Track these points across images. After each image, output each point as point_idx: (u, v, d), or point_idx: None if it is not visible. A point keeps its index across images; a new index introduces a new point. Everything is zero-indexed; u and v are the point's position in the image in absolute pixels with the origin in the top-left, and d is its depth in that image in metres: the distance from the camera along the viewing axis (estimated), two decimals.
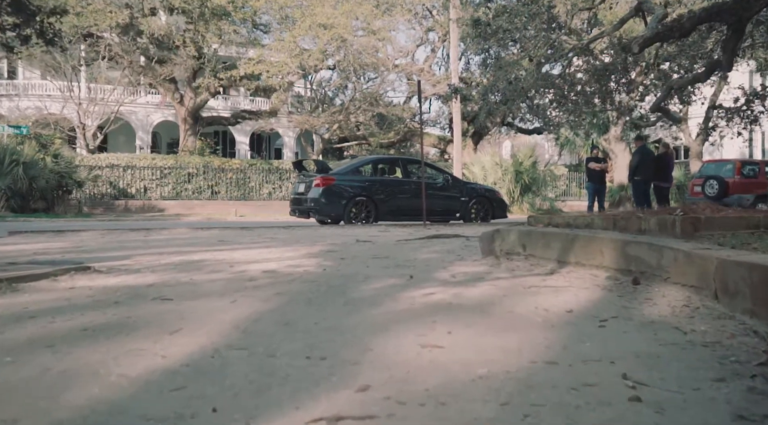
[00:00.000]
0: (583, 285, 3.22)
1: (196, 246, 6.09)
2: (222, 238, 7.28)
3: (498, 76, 10.42)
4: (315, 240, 6.90)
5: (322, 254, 5.09)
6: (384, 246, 5.90)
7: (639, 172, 11.04)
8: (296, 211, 11.52)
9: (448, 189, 11.97)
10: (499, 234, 4.45)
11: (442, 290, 3.15)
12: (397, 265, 4.27)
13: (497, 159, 21.29)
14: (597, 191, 12.85)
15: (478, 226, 10.51)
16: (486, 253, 4.58)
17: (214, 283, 3.41)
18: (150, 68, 22.11)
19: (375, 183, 11.42)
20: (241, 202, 22.04)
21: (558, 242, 3.90)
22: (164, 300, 2.86)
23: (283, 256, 4.94)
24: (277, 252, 5.35)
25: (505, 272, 3.85)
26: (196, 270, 4.00)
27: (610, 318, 2.41)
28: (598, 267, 3.56)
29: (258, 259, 4.68)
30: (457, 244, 6.03)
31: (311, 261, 4.56)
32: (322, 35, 19.45)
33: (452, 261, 4.48)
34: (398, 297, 2.94)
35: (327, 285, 3.30)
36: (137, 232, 8.62)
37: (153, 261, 4.56)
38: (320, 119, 24.14)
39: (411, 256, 4.89)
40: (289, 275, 3.74)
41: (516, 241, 4.30)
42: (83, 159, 20.14)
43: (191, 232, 8.74)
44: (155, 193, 21.08)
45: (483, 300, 2.87)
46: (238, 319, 2.39)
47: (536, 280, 3.46)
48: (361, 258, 4.71)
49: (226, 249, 5.71)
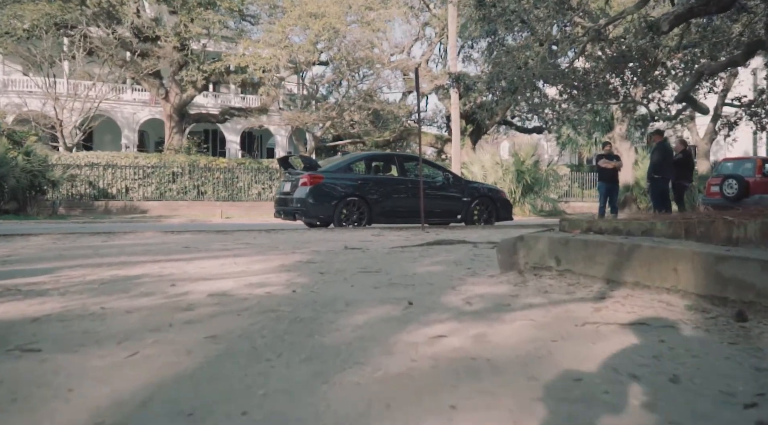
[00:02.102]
0: (659, 320, 2.23)
1: (152, 255, 5.07)
2: (189, 244, 6.26)
3: (505, 62, 9.39)
4: (296, 247, 5.89)
5: (298, 267, 4.08)
6: (376, 255, 4.90)
7: (660, 169, 10.05)
8: (281, 213, 10.48)
9: (448, 188, 10.96)
10: (524, 243, 3.46)
11: (456, 328, 2.16)
12: (391, 283, 3.27)
13: (497, 158, 20.30)
14: (609, 191, 11.83)
15: (481, 230, 9.52)
16: (506, 267, 3.58)
17: (130, 316, 2.40)
18: (132, 62, 20.99)
19: (368, 181, 10.39)
20: (229, 202, 20.98)
21: (607, 254, 2.91)
22: (27, 351, 1.85)
23: (249, 269, 3.93)
24: (244, 263, 4.35)
25: (537, 295, 2.85)
26: (121, 293, 2.99)
27: (755, 394, 1.42)
28: (671, 291, 2.58)
29: (214, 274, 3.67)
30: (463, 252, 5.03)
31: (281, 277, 3.55)
32: (313, 25, 18.38)
33: (462, 278, 3.49)
34: (391, 343, 1.95)
35: (290, 320, 2.30)
36: (97, 236, 7.59)
37: (78, 278, 3.55)
38: (312, 116, 23.06)
39: (409, 270, 3.89)
40: (243, 301, 2.74)
41: (546, 252, 3.31)
42: (60, 157, 19.00)
43: (159, 237, 7.71)
44: (137, 193, 19.98)
45: (521, 349, 1.88)
46: (112, 401, 1.38)
47: (586, 310, 2.47)
48: (345, 273, 3.71)
49: (184, 258, 4.70)
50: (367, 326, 2.20)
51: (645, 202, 22.64)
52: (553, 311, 2.50)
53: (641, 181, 22.56)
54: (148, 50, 20.50)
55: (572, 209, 23.29)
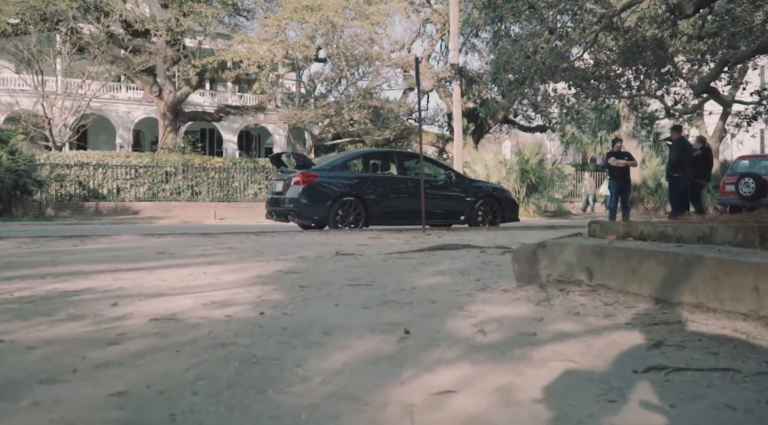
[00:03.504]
0: (748, 361, 1.63)
1: (115, 262, 4.47)
2: (165, 250, 5.65)
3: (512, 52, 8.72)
4: (283, 252, 5.29)
5: (276, 278, 3.48)
6: (370, 262, 4.30)
7: (679, 168, 9.41)
8: (273, 214, 9.85)
9: (451, 187, 10.32)
10: (546, 251, 2.85)
11: (469, 375, 1.57)
12: (385, 301, 2.67)
13: (501, 157, 19.66)
14: (621, 190, 11.18)
15: (486, 231, 8.90)
16: (523, 279, 2.97)
17: (30, 354, 1.80)
18: (123, 58, 20.34)
19: (366, 180, 9.75)
20: (225, 203, 20.37)
21: (656, 267, 2.31)
22: None
23: (218, 282, 3.33)
24: (215, 273, 3.75)
25: (568, 319, 2.25)
26: (43, 315, 2.39)
27: None
28: (749, 318, 1.97)
29: (173, 289, 3.07)
30: (470, 259, 4.42)
31: (252, 292, 2.95)
32: (309, 17, 17.72)
33: (471, 293, 2.88)
34: (377, 404, 1.35)
35: (242, 361, 1.70)
36: (69, 241, 6.98)
37: (5, 294, 2.95)
38: (309, 113, 22.39)
39: (407, 282, 3.28)
40: (192, 329, 2.14)
41: (575, 262, 2.71)
42: (49, 156, 18.37)
43: (136, 241, 7.10)
44: (129, 193, 19.35)
45: (568, 415, 1.28)
46: None
47: (638, 344, 1.88)
48: (331, 287, 3.11)
49: (149, 267, 4.10)
50: (347, 371, 1.60)
51: (653, 202, 22.03)
52: (595, 345, 1.90)
53: (648, 180, 21.93)
54: (140, 46, 19.87)
55: (576, 209, 22.69)
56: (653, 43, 8.75)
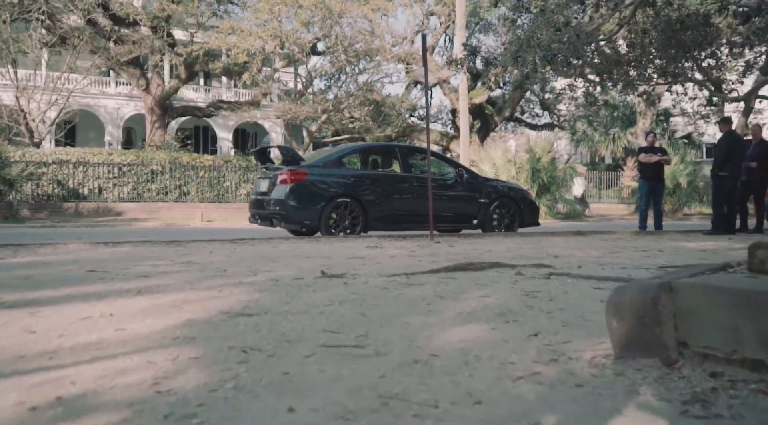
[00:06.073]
0: None
1: (14, 289, 3.21)
2: (102, 266, 4.38)
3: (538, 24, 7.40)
4: (252, 271, 4.03)
5: (212, 328, 2.21)
6: (365, 292, 3.02)
7: (726, 165, 8.09)
8: (257, 217, 8.55)
9: (462, 187, 9.01)
10: (678, 298, 1.58)
11: None
12: (383, 400, 1.39)
13: (510, 155, 18.33)
14: (652, 190, 9.85)
15: (504, 238, 7.62)
16: (630, 345, 1.70)
17: None
18: (105, 48, 19.00)
19: (364, 178, 8.43)
20: (215, 204, 19.04)
21: None
22: None
23: (116, 337, 2.07)
24: (130, 313, 2.49)
25: None
26: None
27: None
28: None
29: (20, 358, 1.80)
30: (506, 288, 3.14)
31: (154, 366, 1.69)
32: (304, 1, 16.37)
33: (540, 375, 1.61)
34: None
35: None
36: (2, 250, 5.71)
37: None
38: (306, 108, 21.04)
39: (421, 338, 2.02)
40: None
41: (741, 327, 1.42)
42: (25, 153, 17.08)
43: (82, 252, 5.83)
44: (112, 193, 18.02)
45: None
46: None
47: None
48: (293, 354, 1.85)
49: (45, 299, 2.85)
50: None
51: (670, 203, 20.68)
52: None
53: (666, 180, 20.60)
54: (124, 36, 18.53)
55: (590, 210, 21.37)
56: (700, 19, 7.43)
